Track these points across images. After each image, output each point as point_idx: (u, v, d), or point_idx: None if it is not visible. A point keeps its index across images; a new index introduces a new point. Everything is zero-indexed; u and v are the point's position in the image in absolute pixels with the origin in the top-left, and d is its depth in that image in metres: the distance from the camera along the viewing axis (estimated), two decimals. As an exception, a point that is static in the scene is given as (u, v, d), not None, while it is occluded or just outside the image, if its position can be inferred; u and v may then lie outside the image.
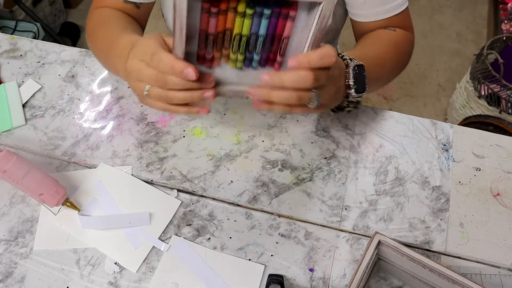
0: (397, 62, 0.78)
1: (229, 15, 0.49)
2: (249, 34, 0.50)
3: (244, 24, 0.49)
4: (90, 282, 0.61)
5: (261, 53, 0.52)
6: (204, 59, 0.53)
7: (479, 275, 0.63)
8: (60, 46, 0.88)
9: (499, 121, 1.59)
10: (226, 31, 0.50)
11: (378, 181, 0.72)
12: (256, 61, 0.53)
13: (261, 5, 0.48)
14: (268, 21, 0.49)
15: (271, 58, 0.53)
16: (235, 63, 0.53)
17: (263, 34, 0.50)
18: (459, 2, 2.48)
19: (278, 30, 0.51)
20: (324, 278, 0.62)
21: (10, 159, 0.64)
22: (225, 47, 0.51)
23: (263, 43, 0.51)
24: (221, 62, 0.53)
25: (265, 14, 0.49)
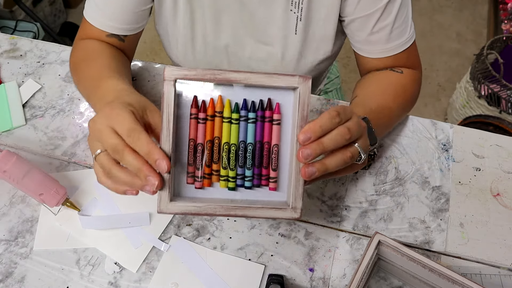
0: (405, 107, 0.75)
1: (216, 120, 0.50)
2: (238, 143, 0.51)
3: (232, 130, 0.50)
4: (90, 282, 0.61)
5: (253, 168, 0.51)
6: (193, 177, 0.51)
7: (479, 275, 0.63)
8: (60, 46, 0.88)
9: (499, 121, 1.59)
10: (214, 140, 0.51)
11: (378, 181, 0.72)
12: (249, 179, 0.51)
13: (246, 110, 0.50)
14: (254, 127, 0.51)
15: (264, 175, 0.52)
16: (227, 182, 0.51)
17: (252, 142, 0.51)
18: (459, 2, 2.48)
19: (266, 137, 0.51)
20: (324, 278, 0.63)
21: (10, 159, 0.64)
22: (214, 161, 0.51)
23: (253, 153, 0.51)
24: (213, 183, 0.52)
25: (250, 119, 0.50)
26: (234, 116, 0.50)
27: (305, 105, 0.49)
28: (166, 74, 0.48)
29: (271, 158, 0.51)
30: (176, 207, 0.49)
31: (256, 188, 0.52)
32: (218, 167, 0.51)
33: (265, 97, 0.51)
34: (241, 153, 0.51)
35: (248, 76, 0.48)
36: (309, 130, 0.48)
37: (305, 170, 0.49)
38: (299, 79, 0.48)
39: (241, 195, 0.52)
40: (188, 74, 0.48)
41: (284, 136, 0.51)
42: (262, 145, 0.51)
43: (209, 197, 0.52)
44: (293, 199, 0.50)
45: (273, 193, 0.52)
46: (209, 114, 0.50)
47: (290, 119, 0.51)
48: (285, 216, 0.50)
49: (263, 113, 0.51)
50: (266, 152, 0.51)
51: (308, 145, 0.48)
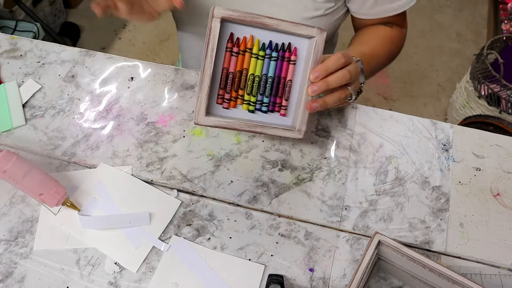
0: (390, 56, 0.86)
1: (246, 55, 0.62)
2: (261, 75, 0.63)
3: (257, 64, 0.63)
4: (90, 282, 0.61)
5: (270, 96, 0.64)
6: (223, 99, 0.64)
7: (479, 275, 0.63)
8: (60, 46, 0.88)
9: (499, 121, 1.59)
10: (243, 70, 0.63)
11: (378, 181, 0.72)
12: (265, 105, 0.65)
13: (270, 49, 0.63)
14: (276, 63, 0.63)
15: (278, 102, 0.65)
16: (248, 105, 0.64)
17: (272, 75, 0.64)
18: (459, 2, 2.48)
19: (283, 73, 0.64)
20: (324, 278, 0.63)
21: (10, 159, 0.64)
22: (241, 87, 0.63)
23: (272, 84, 0.64)
24: (237, 105, 0.64)
25: (273, 57, 0.63)
26: (260, 53, 0.63)
27: (318, 52, 0.61)
28: (215, 12, 0.58)
29: (285, 90, 0.64)
30: (210, 120, 0.61)
31: (269, 113, 0.66)
32: (242, 93, 0.64)
33: (286, 41, 0.63)
34: (262, 83, 0.64)
35: (279, 23, 0.61)
36: (318, 70, 0.60)
37: (310, 105, 0.61)
38: (317, 30, 0.61)
39: (257, 117, 0.65)
40: (233, 14, 0.59)
41: (297, 74, 0.64)
42: (279, 79, 0.64)
43: (232, 116, 0.64)
44: (300, 123, 0.64)
45: (282, 118, 0.66)
46: (241, 49, 0.62)
47: (302, 61, 0.63)
48: (292, 135, 0.65)
49: (283, 53, 0.63)
50: (282, 85, 0.64)
51: (316, 83, 0.60)
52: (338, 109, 0.79)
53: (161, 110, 0.79)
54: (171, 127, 0.77)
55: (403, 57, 0.92)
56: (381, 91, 2.07)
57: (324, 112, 0.79)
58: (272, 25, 0.60)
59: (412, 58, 2.16)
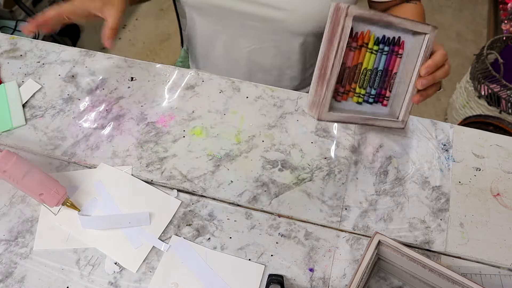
0: None
1: (362, 50, 0.63)
2: (373, 68, 0.65)
3: (371, 58, 0.64)
4: (90, 282, 0.61)
5: (377, 88, 0.67)
6: (337, 92, 0.65)
7: (479, 275, 0.63)
8: (60, 46, 0.88)
9: (499, 121, 1.59)
10: (358, 65, 0.64)
11: (378, 181, 0.72)
12: (372, 96, 0.67)
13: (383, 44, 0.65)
14: (386, 57, 0.65)
15: (382, 94, 0.68)
16: (358, 97, 0.66)
17: (382, 69, 0.66)
18: (459, 2, 2.47)
19: (391, 66, 0.66)
20: (324, 278, 0.62)
21: (10, 159, 0.64)
22: (354, 81, 0.65)
23: (381, 77, 0.66)
24: (348, 97, 0.66)
25: (385, 51, 0.65)
26: (375, 48, 0.64)
27: (429, 48, 0.64)
28: (349, 11, 0.58)
29: (390, 82, 0.67)
30: (332, 116, 0.62)
31: (374, 104, 0.68)
32: (355, 86, 0.66)
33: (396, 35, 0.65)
34: (373, 76, 0.66)
35: (402, 21, 0.63)
36: (430, 66, 0.64)
37: (417, 98, 0.66)
38: (431, 27, 0.64)
39: (364, 108, 0.68)
40: (364, 13, 0.60)
41: (401, 67, 0.67)
42: (387, 72, 0.66)
43: (344, 108, 0.66)
44: (403, 114, 0.68)
45: (383, 108, 0.69)
46: (358, 44, 0.63)
47: (406, 55, 0.66)
48: (396, 126, 0.68)
49: (393, 47, 0.65)
50: (388, 77, 0.67)
51: (425, 77, 0.65)
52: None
53: (161, 110, 0.79)
54: (171, 127, 0.77)
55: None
56: (381, 91, 2.07)
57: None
58: (396, 23, 0.62)
59: (412, 58, 2.16)
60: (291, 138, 0.76)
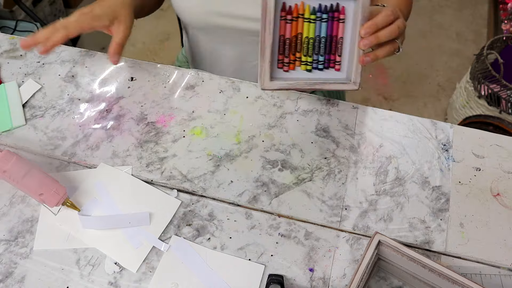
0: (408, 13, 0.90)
1: (299, 20, 0.66)
2: (314, 36, 0.67)
3: (310, 27, 0.67)
4: (90, 282, 0.61)
5: (324, 55, 0.68)
6: (283, 63, 0.68)
7: (479, 275, 0.63)
8: (60, 46, 0.88)
9: (499, 121, 1.59)
10: (298, 35, 0.67)
11: (378, 181, 0.72)
12: (321, 63, 0.69)
13: (320, 12, 0.67)
14: (327, 24, 0.67)
15: (332, 59, 0.69)
16: (306, 65, 0.68)
17: (324, 35, 0.68)
18: (459, 2, 2.48)
19: (334, 31, 0.68)
20: (324, 278, 0.62)
21: (10, 159, 0.64)
22: (298, 50, 0.67)
23: (325, 43, 0.68)
24: (296, 67, 0.68)
25: (323, 19, 0.67)
26: (312, 17, 0.66)
27: (366, 8, 0.64)
28: None
29: (337, 47, 0.68)
30: (275, 84, 0.66)
31: (325, 70, 0.70)
32: (300, 55, 0.68)
33: (334, 2, 0.66)
34: (316, 44, 0.68)
35: None
36: (369, 26, 0.64)
37: (363, 58, 0.65)
38: None
39: (315, 75, 0.69)
40: None
41: (346, 31, 0.68)
42: (331, 38, 0.68)
43: (293, 77, 0.68)
44: (354, 75, 0.67)
45: (337, 73, 0.70)
46: (294, 15, 0.66)
47: (351, 19, 0.67)
48: (349, 87, 0.68)
49: (333, 14, 0.67)
50: (334, 43, 0.68)
51: (367, 37, 0.64)
52: (338, 110, 0.80)
53: (161, 110, 0.79)
54: (171, 127, 0.77)
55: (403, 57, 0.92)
56: (381, 91, 2.07)
57: (324, 112, 0.79)
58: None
59: (412, 58, 2.16)
60: (291, 138, 0.76)
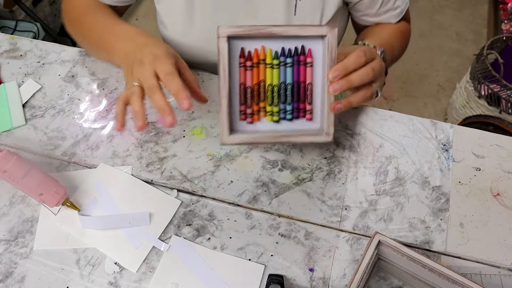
0: (402, 48, 0.87)
1: (261, 67, 0.61)
2: (279, 83, 0.62)
3: (273, 73, 0.62)
4: (90, 282, 0.61)
5: (292, 103, 0.63)
6: (245, 114, 0.63)
7: (479, 275, 0.63)
8: (60, 46, 0.88)
9: (499, 121, 1.59)
10: (260, 82, 0.62)
11: (378, 181, 0.72)
12: (289, 112, 0.63)
13: (284, 56, 0.61)
14: (292, 69, 0.62)
15: (302, 108, 0.63)
16: (272, 116, 0.63)
17: (290, 82, 0.62)
18: (459, 2, 2.47)
19: (301, 77, 0.62)
20: (324, 278, 0.62)
21: (10, 159, 0.64)
22: (261, 100, 0.62)
23: (292, 91, 0.62)
24: (260, 118, 0.63)
25: (288, 63, 0.62)
26: (275, 62, 0.61)
27: (333, 48, 0.59)
28: (220, 32, 0.58)
29: (306, 94, 0.63)
30: (235, 138, 0.61)
31: (295, 120, 0.64)
32: (264, 105, 0.63)
33: (299, 45, 0.61)
34: (282, 91, 0.62)
35: (287, 29, 0.59)
36: (338, 69, 0.58)
37: (334, 106, 0.60)
38: (327, 28, 0.59)
39: (284, 127, 0.64)
40: (238, 30, 0.58)
41: (316, 76, 0.62)
42: (298, 84, 0.62)
43: (259, 129, 0.63)
44: (326, 126, 0.61)
45: (309, 123, 0.64)
46: (254, 62, 0.61)
47: (320, 62, 0.62)
48: (321, 140, 0.62)
49: (298, 57, 0.61)
50: (302, 89, 0.62)
51: (337, 81, 0.58)
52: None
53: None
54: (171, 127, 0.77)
55: (403, 57, 0.91)
56: (381, 91, 2.07)
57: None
58: (280, 33, 0.59)
59: (412, 58, 2.16)
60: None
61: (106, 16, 0.79)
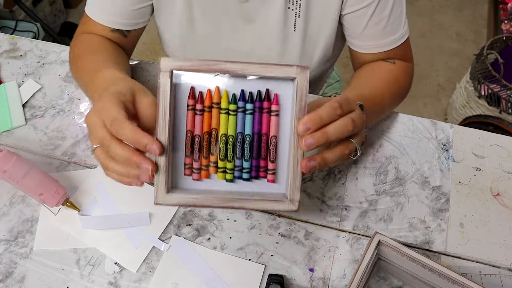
0: (396, 97, 0.76)
1: (214, 111, 0.50)
2: (235, 134, 0.50)
3: (229, 121, 0.50)
4: (90, 282, 0.61)
5: (251, 160, 0.51)
6: (191, 169, 0.51)
7: (479, 275, 0.63)
8: (60, 46, 0.88)
9: (499, 121, 1.59)
10: (212, 131, 0.50)
11: (378, 181, 0.72)
12: (246, 171, 0.51)
13: (244, 101, 0.50)
14: (253, 117, 0.50)
15: (262, 166, 0.51)
16: (225, 174, 0.51)
17: (250, 133, 0.50)
18: (459, 2, 2.48)
19: (264, 128, 0.51)
20: (324, 278, 0.62)
21: (10, 159, 0.64)
22: (211, 153, 0.51)
23: (251, 144, 0.51)
24: (210, 174, 0.51)
25: (248, 110, 0.50)
26: (231, 107, 0.50)
27: (303, 95, 0.48)
28: (161, 65, 0.47)
29: (270, 149, 0.51)
30: (173, 198, 0.49)
31: (254, 180, 0.52)
32: (215, 159, 0.51)
33: (264, 87, 0.50)
34: (238, 144, 0.50)
35: (244, 67, 0.48)
36: (309, 121, 0.47)
37: (306, 164, 0.48)
38: (296, 69, 0.48)
39: (239, 187, 0.52)
40: (183, 65, 0.48)
41: (283, 127, 0.51)
42: (260, 137, 0.51)
43: (206, 189, 0.51)
44: (291, 191, 0.49)
45: (271, 185, 0.52)
46: (206, 105, 0.50)
47: (289, 111, 0.50)
48: (283, 208, 0.49)
49: (261, 104, 0.50)
50: (264, 143, 0.51)
51: (312, 134, 0.47)
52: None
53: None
54: (171, 127, 0.77)
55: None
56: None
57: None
58: (237, 71, 0.48)
59: (412, 58, 2.16)
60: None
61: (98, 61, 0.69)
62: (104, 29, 0.77)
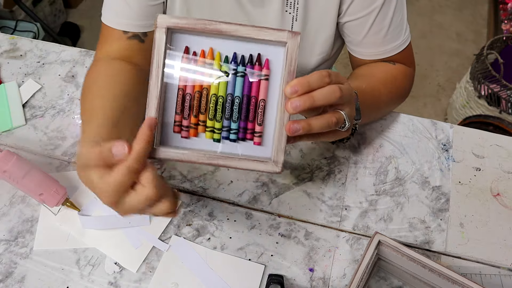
0: (393, 96, 0.76)
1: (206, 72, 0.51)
2: (226, 95, 0.51)
3: (220, 82, 0.51)
4: (90, 282, 0.61)
5: (239, 121, 0.52)
6: (180, 126, 0.52)
7: (479, 275, 0.63)
8: (60, 46, 0.88)
9: (499, 121, 1.59)
10: (203, 91, 0.51)
11: (378, 181, 0.72)
12: (234, 132, 0.52)
13: (235, 63, 0.51)
14: (243, 80, 0.51)
15: (250, 128, 0.52)
16: (212, 133, 0.52)
17: (239, 95, 0.51)
18: (459, 2, 2.48)
19: (254, 91, 0.51)
20: (324, 278, 0.62)
21: (10, 159, 0.64)
22: (201, 112, 0.51)
23: (240, 106, 0.51)
24: (199, 133, 0.52)
25: (239, 72, 0.51)
26: (223, 69, 0.51)
27: (292, 60, 0.49)
28: (158, 22, 0.48)
29: (258, 112, 0.52)
30: (160, 152, 0.50)
31: (241, 141, 0.52)
32: (205, 118, 0.52)
33: (256, 51, 0.51)
34: (228, 105, 0.51)
35: (238, 28, 0.49)
36: (297, 84, 0.47)
37: (290, 126, 0.48)
38: (288, 33, 0.49)
39: (226, 147, 0.52)
40: (180, 22, 0.48)
41: (272, 92, 0.52)
42: (249, 99, 0.51)
43: (194, 147, 0.52)
44: (275, 152, 0.50)
45: (257, 148, 0.52)
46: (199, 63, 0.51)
47: (279, 76, 0.51)
48: (266, 169, 0.50)
49: (252, 67, 0.51)
50: (253, 106, 0.51)
51: (299, 97, 0.47)
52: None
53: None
54: (171, 127, 0.77)
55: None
56: (381, 91, 2.07)
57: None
58: (230, 32, 0.49)
59: (412, 58, 2.16)
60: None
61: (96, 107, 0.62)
62: (121, 37, 0.73)
